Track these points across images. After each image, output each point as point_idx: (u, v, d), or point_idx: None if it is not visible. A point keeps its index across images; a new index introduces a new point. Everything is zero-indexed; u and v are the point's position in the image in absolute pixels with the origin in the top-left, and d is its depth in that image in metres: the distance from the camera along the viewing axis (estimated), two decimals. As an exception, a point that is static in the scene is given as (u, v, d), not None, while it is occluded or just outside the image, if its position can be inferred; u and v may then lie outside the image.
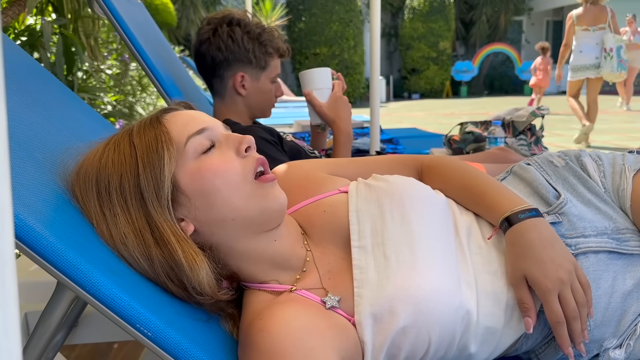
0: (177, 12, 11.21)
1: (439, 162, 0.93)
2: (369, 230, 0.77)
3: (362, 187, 0.83)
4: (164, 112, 0.75)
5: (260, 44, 1.44)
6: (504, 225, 0.78)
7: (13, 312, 0.23)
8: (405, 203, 0.78)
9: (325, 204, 0.83)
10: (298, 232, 0.81)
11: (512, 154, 1.59)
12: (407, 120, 8.97)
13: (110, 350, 1.69)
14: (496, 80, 17.54)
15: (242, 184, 0.70)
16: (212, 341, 0.68)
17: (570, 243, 0.81)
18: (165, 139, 0.69)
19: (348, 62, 14.48)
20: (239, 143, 0.72)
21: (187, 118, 0.73)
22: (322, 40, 14.29)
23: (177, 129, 0.71)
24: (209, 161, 0.70)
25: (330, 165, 0.96)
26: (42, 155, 0.71)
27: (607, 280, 0.79)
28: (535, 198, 0.89)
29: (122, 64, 3.51)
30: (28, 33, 2.37)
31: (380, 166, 0.96)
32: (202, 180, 0.69)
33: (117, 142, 0.71)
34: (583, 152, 0.95)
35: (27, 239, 0.57)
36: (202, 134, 0.71)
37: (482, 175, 0.88)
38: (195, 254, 0.68)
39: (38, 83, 0.93)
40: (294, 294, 0.73)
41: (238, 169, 0.71)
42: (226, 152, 0.72)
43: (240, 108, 1.50)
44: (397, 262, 0.72)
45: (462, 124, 2.54)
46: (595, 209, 0.85)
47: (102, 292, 0.58)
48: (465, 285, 0.74)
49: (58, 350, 0.86)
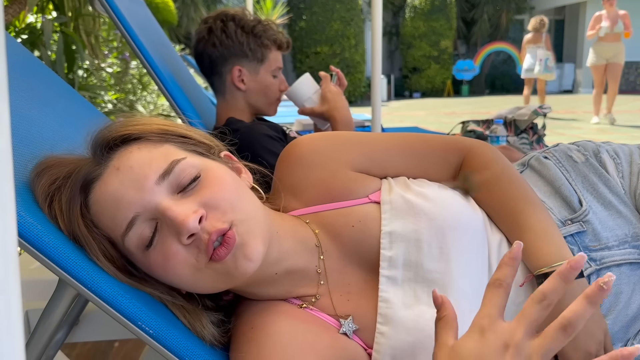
0: (178, 10, 11.20)
1: (482, 165, 0.80)
2: (402, 259, 0.71)
3: (398, 200, 0.74)
4: (86, 190, 0.63)
5: (254, 36, 1.43)
6: (540, 280, 0.72)
7: (16, 311, 0.23)
8: (446, 233, 0.71)
9: (353, 216, 0.74)
10: (310, 247, 0.73)
11: (515, 152, 1.58)
12: (409, 120, 8.96)
13: (111, 349, 1.69)
14: (497, 79, 17.49)
15: (198, 273, 0.61)
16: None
17: (595, 257, 0.79)
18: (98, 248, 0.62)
19: (349, 61, 14.45)
20: (178, 234, 0.59)
21: (111, 205, 0.61)
22: (323, 39, 14.26)
23: (108, 224, 0.62)
24: (153, 257, 0.61)
25: (363, 158, 0.80)
26: (44, 152, 0.70)
27: (627, 293, 0.78)
28: (556, 199, 0.85)
29: (123, 62, 3.51)
30: (29, 31, 2.37)
31: (417, 160, 0.82)
32: (157, 275, 0.63)
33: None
34: (601, 147, 0.91)
35: (29, 236, 0.56)
36: (134, 227, 0.60)
37: (527, 195, 0.78)
38: (188, 312, 0.66)
39: (40, 80, 0.93)
40: (303, 310, 0.70)
41: (187, 260, 0.60)
42: (167, 239, 0.60)
43: (241, 105, 1.49)
44: (428, 305, 0.67)
45: (463, 123, 2.53)
46: (616, 212, 0.83)
47: (104, 290, 0.58)
48: None
49: (59, 348, 0.86)
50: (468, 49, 17.75)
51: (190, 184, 0.62)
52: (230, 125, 1.39)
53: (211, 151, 0.71)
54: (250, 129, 1.35)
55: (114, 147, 0.66)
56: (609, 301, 0.77)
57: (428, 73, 16.09)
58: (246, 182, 0.72)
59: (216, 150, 0.73)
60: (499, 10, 16.62)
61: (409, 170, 0.82)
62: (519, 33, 17.94)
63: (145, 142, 0.65)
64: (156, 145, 0.65)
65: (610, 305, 0.77)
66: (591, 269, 0.78)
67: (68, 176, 0.63)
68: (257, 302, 0.71)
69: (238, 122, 1.42)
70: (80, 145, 0.72)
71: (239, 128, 1.35)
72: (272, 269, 0.68)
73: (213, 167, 0.66)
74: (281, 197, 0.78)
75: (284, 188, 0.78)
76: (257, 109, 1.52)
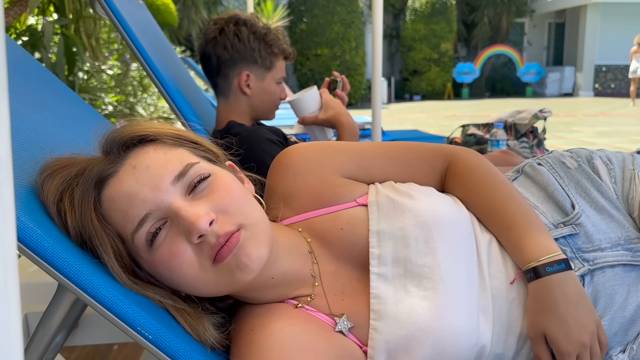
0: (179, 12, 11.23)
1: (466, 170, 0.83)
2: (391, 257, 0.73)
3: (384, 201, 0.77)
4: (100, 186, 0.64)
5: (266, 43, 1.45)
6: (529, 275, 0.74)
7: (15, 316, 0.23)
8: (432, 229, 0.73)
9: (342, 220, 0.77)
10: (304, 253, 0.75)
11: (515, 156, 1.58)
12: (409, 122, 8.97)
13: (110, 352, 1.69)
14: (498, 82, 17.52)
15: (201, 274, 0.62)
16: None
17: (588, 258, 0.79)
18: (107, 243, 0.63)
19: (349, 63, 14.47)
20: (188, 233, 0.61)
21: (125, 202, 0.62)
22: (324, 41, 14.29)
23: (119, 221, 0.63)
24: (159, 254, 0.62)
25: (350, 164, 0.83)
26: (44, 155, 0.70)
27: (622, 294, 0.78)
28: (550, 204, 0.86)
29: (123, 65, 3.51)
30: (29, 33, 2.38)
31: (403, 166, 0.85)
32: (160, 274, 0.64)
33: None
34: (594, 154, 0.92)
35: (28, 241, 0.56)
36: (145, 224, 0.62)
37: (512, 195, 0.80)
38: (189, 315, 0.66)
39: (40, 83, 0.93)
40: (299, 310, 0.71)
41: (192, 261, 0.62)
42: (176, 238, 0.62)
43: (244, 108, 1.50)
44: (419, 298, 0.69)
45: (464, 126, 2.54)
46: (609, 216, 0.84)
47: (103, 295, 0.58)
48: (483, 315, 0.72)
49: (58, 351, 0.86)
50: (468, 51, 17.78)
51: (200, 182, 0.64)
52: (232, 129, 1.39)
53: (218, 159, 0.74)
54: (252, 133, 1.35)
55: (130, 146, 0.67)
56: (603, 302, 0.77)
57: (428, 76, 16.11)
58: (249, 192, 0.74)
59: (221, 159, 0.76)
60: (500, 13, 16.64)
61: (395, 176, 0.84)
62: (519, 36, 17.98)
63: (161, 144, 0.68)
64: (171, 148, 0.68)
65: (605, 306, 0.77)
66: (584, 269, 0.78)
67: (80, 173, 0.65)
68: (255, 306, 0.72)
69: (239, 125, 1.42)
70: (81, 148, 0.72)
71: (240, 132, 1.35)
72: (269, 273, 0.69)
73: (222, 174, 0.68)
74: (273, 207, 0.80)
75: (276, 196, 0.80)
76: (258, 114, 1.53)
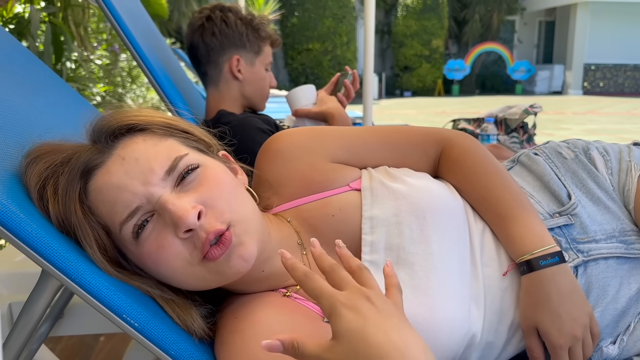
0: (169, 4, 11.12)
1: (461, 155, 0.81)
2: (383, 244, 0.72)
3: (378, 187, 0.75)
4: (86, 177, 0.63)
5: (253, 28, 1.47)
6: (522, 267, 0.73)
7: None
8: (426, 216, 0.72)
9: (333, 205, 0.75)
10: (294, 245, 0.73)
11: (506, 151, 1.58)
12: (399, 118, 8.98)
13: (96, 343, 1.67)
14: (488, 80, 17.60)
15: (189, 267, 0.61)
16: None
17: (582, 249, 0.79)
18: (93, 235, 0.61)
19: (340, 58, 14.45)
20: (176, 227, 0.59)
21: (113, 194, 0.61)
22: (315, 35, 14.25)
23: (106, 212, 0.61)
24: (146, 247, 0.61)
25: (341, 150, 0.81)
26: (29, 141, 0.68)
27: (615, 286, 0.78)
28: (545, 193, 0.85)
29: (112, 55, 3.47)
30: (16, 21, 2.33)
31: (394, 151, 0.83)
32: (147, 267, 0.63)
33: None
34: (591, 145, 0.92)
35: (11, 225, 0.55)
36: (135, 216, 0.60)
37: (506, 183, 0.79)
38: (177, 306, 0.65)
39: (24, 67, 0.91)
40: (288, 298, 0.69)
41: (180, 253, 0.60)
42: (163, 231, 0.60)
43: (235, 95, 1.49)
44: (411, 287, 0.69)
45: (454, 121, 2.54)
46: (605, 207, 0.83)
47: (88, 281, 0.57)
48: (474, 304, 0.72)
49: (42, 341, 0.84)
50: (459, 48, 17.83)
51: (188, 173, 0.62)
52: (222, 118, 1.37)
53: (210, 149, 0.72)
54: (243, 122, 1.33)
55: (118, 135, 0.65)
56: (596, 294, 0.78)
57: (419, 72, 16.15)
58: (242, 184, 0.72)
59: (214, 149, 0.73)
60: (491, 11, 16.71)
61: (387, 161, 0.82)
62: (509, 34, 18.07)
63: (150, 134, 0.66)
64: (161, 139, 0.65)
65: (598, 297, 0.78)
66: (578, 260, 0.78)
67: (66, 162, 0.63)
68: (242, 295, 0.71)
69: (230, 114, 1.40)
70: (69, 134, 0.70)
71: (230, 121, 1.34)
72: (259, 267, 0.68)
73: (213, 165, 0.66)
74: (263, 196, 0.78)
75: (264, 184, 0.79)
76: (250, 101, 1.52)
